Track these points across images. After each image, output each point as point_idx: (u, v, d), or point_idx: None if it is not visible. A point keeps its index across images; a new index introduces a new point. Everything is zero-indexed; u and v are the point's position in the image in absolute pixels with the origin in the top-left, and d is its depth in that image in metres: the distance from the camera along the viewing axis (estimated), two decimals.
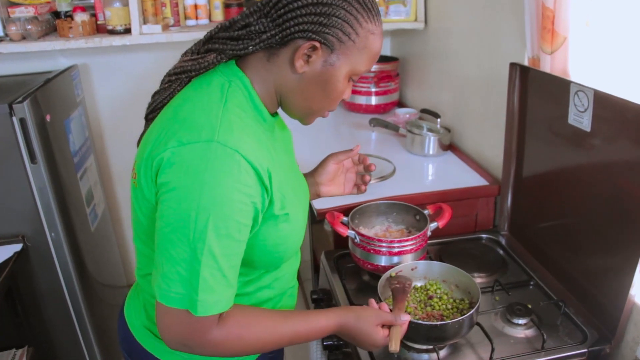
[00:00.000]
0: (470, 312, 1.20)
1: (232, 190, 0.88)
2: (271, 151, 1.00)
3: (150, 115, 1.09)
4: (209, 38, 1.03)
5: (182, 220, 0.87)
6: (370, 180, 1.41)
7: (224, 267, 0.91)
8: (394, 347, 1.08)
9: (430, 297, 1.34)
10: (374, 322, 1.08)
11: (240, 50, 0.98)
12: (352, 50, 0.96)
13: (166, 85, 1.05)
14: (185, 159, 0.88)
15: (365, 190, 1.42)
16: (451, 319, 1.23)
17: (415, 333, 1.21)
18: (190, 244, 0.88)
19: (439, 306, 1.31)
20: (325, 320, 1.06)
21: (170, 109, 1.00)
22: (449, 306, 1.31)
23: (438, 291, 1.36)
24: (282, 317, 1.03)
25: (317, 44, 0.94)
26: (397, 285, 1.29)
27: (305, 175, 1.35)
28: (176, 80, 1.04)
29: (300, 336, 1.04)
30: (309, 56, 0.96)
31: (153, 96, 1.09)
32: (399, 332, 1.11)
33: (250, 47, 0.97)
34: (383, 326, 1.10)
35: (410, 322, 1.19)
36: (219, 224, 0.88)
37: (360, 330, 1.07)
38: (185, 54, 1.07)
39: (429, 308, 1.31)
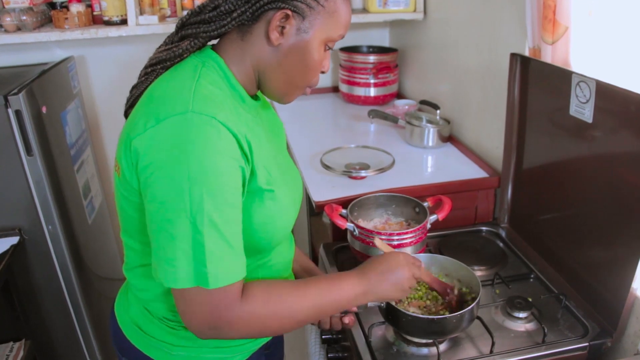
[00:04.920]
0: (471, 306, 1.18)
1: (218, 155, 0.87)
2: (252, 127, 0.99)
3: (129, 110, 1.08)
4: (181, 26, 1.02)
5: (176, 195, 0.85)
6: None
7: (228, 236, 0.89)
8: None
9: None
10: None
11: (213, 32, 0.98)
12: (323, 15, 0.97)
13: (143, 78, 1.04)
14: (164, 135, 0.87)
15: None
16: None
17: (414, 327, 1.20)
18: (189, 218, 0.85)
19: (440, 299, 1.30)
20: (347, 278, 1.05)
21: (144, 95, 0.99)
22: None
23: None
24: (303, 289, 1.00)
25: (289, 12, 0.94)
26: None
27: None
28: (152, 73, 1.03)
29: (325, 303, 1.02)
30: (283, 27, 0.96)
31: (131, 90, 1.07)
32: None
33: (223, 28, 0.97)
34: None
35: (409, 316, 1.18)
36: (214, 191, 0.86)
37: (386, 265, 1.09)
38: (159, 47, 1.06)
39: (428, 301, 1.30)
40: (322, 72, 1.06)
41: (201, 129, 0.86)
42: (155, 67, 1.02)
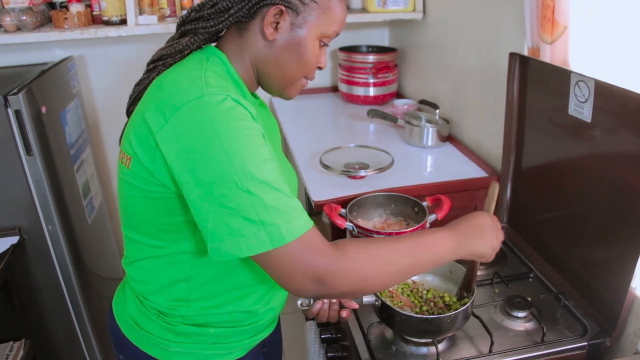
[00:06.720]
0: (465, 306, 1.18)
1: (241, 122, 0.89)
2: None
3: (131, 107, 1.09)
4: (181, 23, 1.06)
5: (221, 172, 0.85)
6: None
7: (281, 188, 0.88)
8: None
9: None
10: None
11: (211, 28, 1.01)
12: (316, 11, 1.01)
13: (146, 75, 1.07)
14: (186, 120, 0.88)
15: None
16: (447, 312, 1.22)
17: (407, 326, 1.20)
18: (242, 188, 0.85)
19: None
20: (439, 231, 1.03)
21: (150, 87, 1.00)
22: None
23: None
24: (396, 242, 0.98)
25: (283, 8, 0.98)
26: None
27: None
28: (154, 69, 1.05)
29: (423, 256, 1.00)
30: (277, 23, 1.00)
31: (134, 87, 1.09)
32: None
33: (221, 24, 1.01)
34: None
35: (402, 315, 1.18)
36: (252, 154, 0.87)
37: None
38: (161, 47, 1.08)
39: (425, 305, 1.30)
40: (320, 69, 1.09)
41: (220, 105, 0.88)
42: (157, 64, 1.05)
